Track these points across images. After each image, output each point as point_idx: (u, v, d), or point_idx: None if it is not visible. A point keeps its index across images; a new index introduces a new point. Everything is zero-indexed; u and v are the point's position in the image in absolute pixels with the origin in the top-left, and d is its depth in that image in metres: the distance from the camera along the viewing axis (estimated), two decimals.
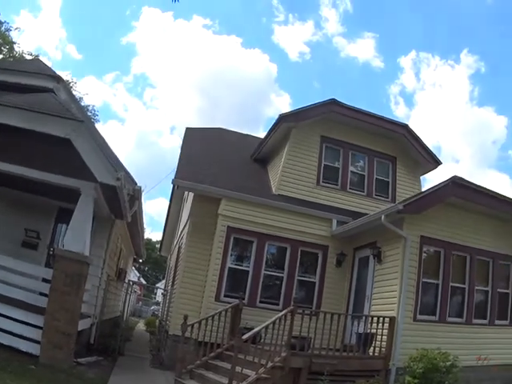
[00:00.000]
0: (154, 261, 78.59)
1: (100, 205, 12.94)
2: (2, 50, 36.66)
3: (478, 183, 14.28)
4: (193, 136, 20.62)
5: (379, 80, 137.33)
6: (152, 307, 51.90)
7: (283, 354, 11.28)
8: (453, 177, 13.73)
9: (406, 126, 18.61)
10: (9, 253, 12.57)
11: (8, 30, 37.18)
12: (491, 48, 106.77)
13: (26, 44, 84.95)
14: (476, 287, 14.55)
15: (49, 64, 19.43)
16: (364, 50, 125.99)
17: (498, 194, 14.48)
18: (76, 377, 10.57)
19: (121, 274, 20.78)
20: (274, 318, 11.42)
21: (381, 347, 12.81)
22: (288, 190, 16.71)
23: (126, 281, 22.64)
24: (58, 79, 15.33)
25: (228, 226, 15.21)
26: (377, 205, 16.78)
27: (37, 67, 16.68)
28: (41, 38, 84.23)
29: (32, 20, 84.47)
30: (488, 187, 14.44)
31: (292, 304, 11.93)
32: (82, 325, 12.61)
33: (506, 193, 14.41)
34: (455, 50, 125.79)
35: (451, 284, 14.09)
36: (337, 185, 17.50)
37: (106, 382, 11.16)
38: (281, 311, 12.07)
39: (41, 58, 36.63)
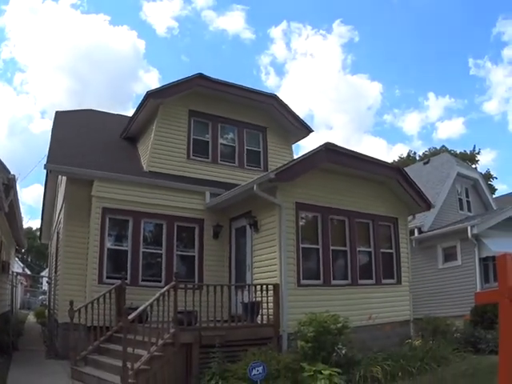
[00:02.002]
0: (36, 250, 76.56)
1: None
2: None
3: (354, 149, 14.78)
4: (63, 119, 20.15)
5: (249, 52, 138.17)
6: (40, 297, 50.83)
7: (172, 331, 11.32)
8: (325, 143, 14.04)
9: (274, 97, 19.05)
10: None
11: None
12: (364, 17, 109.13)
13: None
14: (358, 249, 15.15)
15: None
16: (234, 22, 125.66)
17: (370, 157, 15.04)
18: None
19: (4, 267, 20.25)
20: (157, 295, 11.37)
21: (268, 315, 13.01)
22: (159, 166, 16.75)
23: (11, 273, 22.11)
24: None
25: (103, 207, 15.02)
26: (249, 175, 16.98)
27: None
28: None
29: None
30: (362, 152, 14.99)
31: (174, 279, 11.84)
32: None
33: (384, 157, 14.97)
34: (327, 20, 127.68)
35: (332, 247, 14.52)
36: (207, 158, 17.73)
37: (5, 379, 10.84)
38: (164, 287, 12.00)
39: None
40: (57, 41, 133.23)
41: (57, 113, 21.08)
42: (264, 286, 13.07)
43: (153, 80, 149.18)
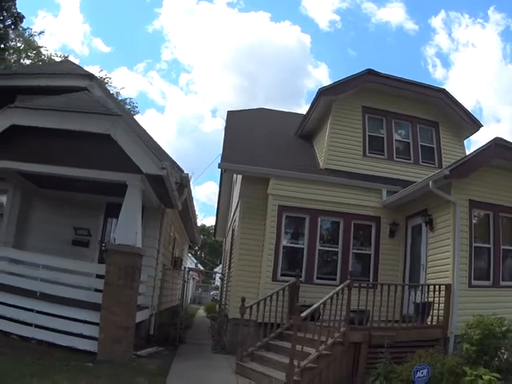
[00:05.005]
0: (210, 246, 79.49)
1: (148, 195, 12.97)
2: (30, 56, 37.40)
3: None
4: (235, 119, 20.77)
5: (415, 43, 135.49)
6: (211, 292, 52.25)
7: (342, 329, 11.29)
8: (494, 138, 13.46)
9: (443, 90, 18.21)
10: (61, 252, 12.95)
11: (31, 35, 38.05)
12: None
13: (50, 44, 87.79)
14: None
15: (76, 61, 19.82)
16: (395, 13, 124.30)
17: None
18: (136, 369, 10.59)
19: (177, 263, 20.92)
20: (331, 294, 11.37)
21: (438, 316, 12.69)
22: (335, 163, 16.55)
23: (183, 268, 22.82)
24: (91, 77, 15.46)
25: (279, 205, 15.20)
26: (424, 171, 16.32)
27: (68, 68, 16.92)
28: (64, 35, 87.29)
29: (52, 19, 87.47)
30: None
31: (348, 278, 11.82)
32: (140, 316, 12.75)
33: None
34: (482, 8, 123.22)
35: (502, 247, 13.81)
36: (383, 154, 17.25)
37: (167, 371, 11.03)
38: (338, 286, 11.95)
39: (68, 55, 37.75)
40: (219, 39, 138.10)
41: (229, 112, 21.76)
42: (437, 287, 12.70)
43: (323, 75, 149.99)
